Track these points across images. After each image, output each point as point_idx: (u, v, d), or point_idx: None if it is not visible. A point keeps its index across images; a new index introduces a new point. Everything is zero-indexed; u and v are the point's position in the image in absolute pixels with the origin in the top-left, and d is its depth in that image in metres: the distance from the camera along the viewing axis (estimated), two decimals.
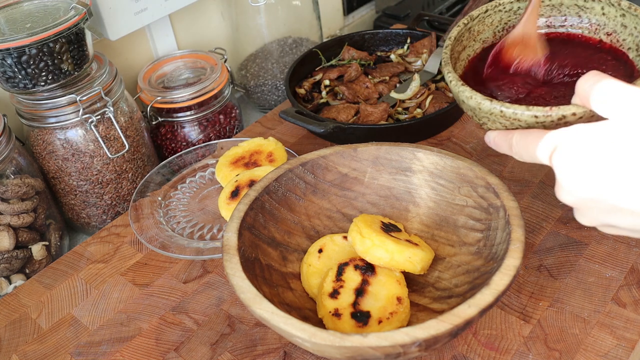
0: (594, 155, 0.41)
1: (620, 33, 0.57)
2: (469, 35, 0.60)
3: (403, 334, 0.44)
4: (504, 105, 0.49)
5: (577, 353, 0.54)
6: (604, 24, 0.58)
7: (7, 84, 0.70)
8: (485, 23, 0.61)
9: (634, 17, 0.55)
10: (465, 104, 0.53)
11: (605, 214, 0.43)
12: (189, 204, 0.78)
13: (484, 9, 0.60)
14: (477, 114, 0.52)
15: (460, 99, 0.53)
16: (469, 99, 0.51)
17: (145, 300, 0.65)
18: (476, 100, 0.50)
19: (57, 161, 0.75)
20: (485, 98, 0.50)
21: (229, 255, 0.53)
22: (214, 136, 0.89)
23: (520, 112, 0.48)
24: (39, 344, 0.62)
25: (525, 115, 0.48)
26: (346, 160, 0.65)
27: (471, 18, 0.60)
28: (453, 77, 0.53)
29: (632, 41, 0.56)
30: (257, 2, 0.93)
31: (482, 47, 0.62)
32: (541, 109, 0.47)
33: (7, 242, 0.69)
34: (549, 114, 0.47)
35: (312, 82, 0.93)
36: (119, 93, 0.77)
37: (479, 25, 0.61)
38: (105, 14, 0.79)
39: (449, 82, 0.54)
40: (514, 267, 0.48)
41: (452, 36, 0.58)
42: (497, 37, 0.62)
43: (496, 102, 0.49)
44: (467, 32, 0.60)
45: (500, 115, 0.49)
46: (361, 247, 0.57)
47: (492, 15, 0.61)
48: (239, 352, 0.58)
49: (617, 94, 0.42)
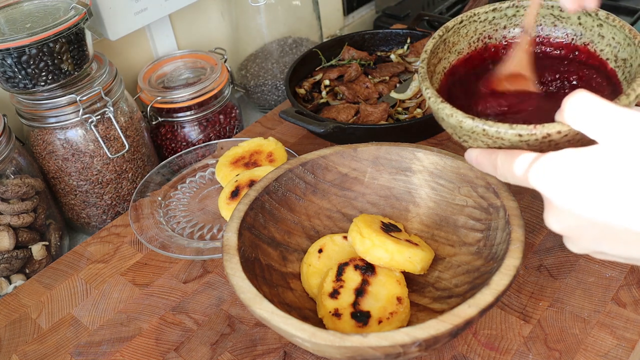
0: (585, 181, 0.40)
1: (597, 43, 0.56)
2: (444, 47, 0.58)
3: (403, 334, 0.44)
4: (486, 123, 0.47)
5: (577, 353, 0.54)
6: (581, 33, 0.57)
7: (7, 84, 0.70)
8: (460, 34, 0.59)
9: (611, 27, 0.54)
10: (445, 121, 0.50)
11: (596, 241, 0.42)
12: (189, 204, 0.78)
13: (458, 20, 0.58)
14: (457, 132, 0.50)
15: (440, 116, 0.50)
16: (449, 117, 0.49)
17: (145, 300, 0.65)
18: (457, 118, 0.48)
19: (57, 161, 0.75)
20: (467, 116, 0.48)
21: (229, 255, 0.53)
22: (214, 136, 0.89)
23: (503, 131, 0.46)
24: (39, 344, 0.62)
25: (509, 134, 0.46)
26: (346, 160, 0.65)
27: (446, 29, 0.57)
28: (432, 94, 0.51)
29: (610, 52, 0.55)
30: (257, 2, 0.93)
31: (457, 58, 0.59)
32: (525, 127, 0.45)
33: (7, 242, 0.69)
34: (534, 132, 0.45)
35: (312, 82, 0.93)
36: (119, 93, 0.77)
37: (454, 37, 0.58)
38: (105, 14, 0.79)
39: (428, 98, 0.51)
40: (514, 267, 0.48)
41: (428, 49, 0.56)
42: (472, 48, 0.60)
43: (478, 120, 0.47)
44: (442, 44, 0.57)
45: (482, 133, 0.47)
46: (361, 247, 0.57)
47: (467, 26, 0.59)
48: (239, 352, 0.58)
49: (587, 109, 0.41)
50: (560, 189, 0.41)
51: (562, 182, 0.41)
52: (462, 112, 0.48)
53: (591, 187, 0.40)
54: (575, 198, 0.41)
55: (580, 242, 0.43)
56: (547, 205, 0.43)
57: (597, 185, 0.40)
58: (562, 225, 0.43)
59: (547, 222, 0.44)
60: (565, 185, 0.41)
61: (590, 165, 0.40)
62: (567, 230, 0.43)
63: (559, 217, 0.43)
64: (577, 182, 0.40)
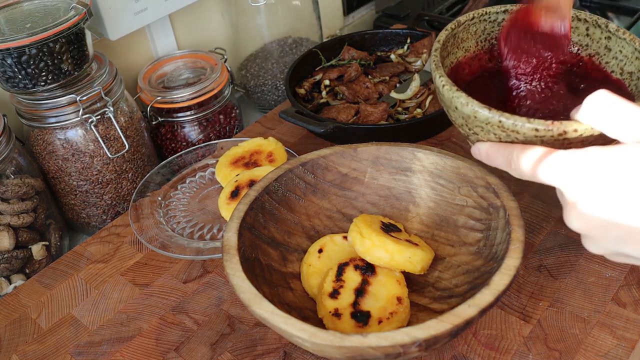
0: (611, 180, 0.39)
1: (603, 56, 0.55)
2: (454, 42, 0.57)
3: (403, 334, 0.44)
4: (503, 115, 0.46)
5: (577, 353, 0.54)
6: (587, 45, 0.57)
7: (7, 84, 0.70)
8: (470, 31, 0.58)
9: (620, 40, 0.53)
10: (458, 111, 0.49)
11: (619, 242, 0.41)
12: (189, 204, 0.78)
13: (470, 16, 0.57)
14: (469, 122, 0.49)
15: (454, 105, 0.49)
16: (463, 106, 0.48)
17: (145, 300, 0.65)
18: (472, 107, 0.47)
19: (57, 161, 0.75)
20: (483, 106, 0.47)
21: (229, 255, 0.53)
22: (214, 136, 0.89)
23: (520, 124, 0.45)
24: (39, 344, 0.62)
25: (526, 127, 0.45)
26: (346, 160, 0.65)
27: (458, 24, 0.57)
28: (446, 82, 0.50)
29: (616, 64, 0.54)
30: (257, 2, 0.93)
31: (463, 55, 0.59)
32: (543, 122, 0.44)
33: (7, 242, 0.69)
34: (550, 129, 0.44)
35: (312, 82, 0.93)
36: (119, 93, 0.77)
37: (464, 33, 0.58)
38: (105, 14, 0.79)
39: (441, 86, 0.50)
40: (514, 267, 0.48)
41: (441, 39, 0.55)
42: (478, 47, 0.59)
43: (495, 111, 0.46)
44: (452, 38, 0.57)
45: (497, 125, 0.46)
46: (361, 247, 0.57)
47: (477, 24, 0.58)
48: (239, 352, 0.58)
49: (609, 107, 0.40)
50: (584, 187, 0.40)
51: (587, 180, 0.40)
52: (478, 101, 0.48)
53: (617, 187, 0.39)
54: (600, 197, 0.40)
55: (602, 242, 0.43)
56: (567, 203, 0.42)
57: (623, 185, 0.39)
58: (582, 225, 0.42)
59: (567, 220, 0.43)
60: (590, 183, 0.40)
61: (617, 165, 0.39)
62: (588, 229, 0.42)
63: (579, 215, 0.42)
64: (602, 180, 0.40)
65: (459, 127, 0.52)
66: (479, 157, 0.50)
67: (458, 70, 0.58)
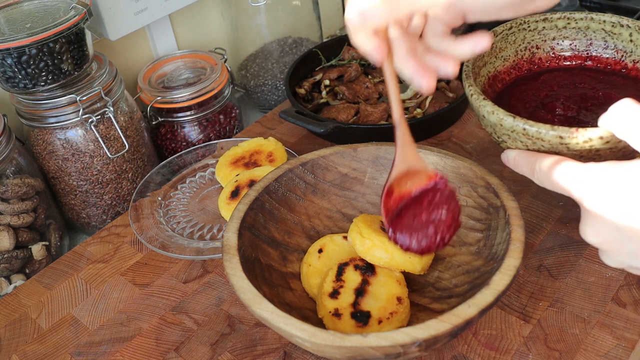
0: (628, 195, 0.39)
1: None
2: (491, 52, 0.58)
3: (403, 334, 0.44)
4: (527, 122, 0.46)
5: (577, 353, 0.54)
6: (631, 51, 0.56)
7: (7, 84, 0.70)
8: (508, 40, 0.59)
9: None
10: (485, 119, 0.50)
11: (631, 257, 0.41)
12: (189, 204, 0.78)
13: (508, 26, 0.58)
14: (497, 130, 0.50)
15: (481, 113, 0.50)
16: (490, 114, 0.49)
17: (145, 300, 0.65)
18: (498, 116, 0.48)
19: (57, 161, 0.75)
20: (508, 114, 0.47)
21: (229, 255, 0.53)
22: (214, 136, 0.89)
23: (544, 132, 0.46)
24: (39, 344, 0.62)
25: (550, 135, 0.45)
26: (346, 160, 0.65)
27: (495, 34, 0.58)
28: (474, 91, 0.51)
29: None
30: (257, 2, 0.93)
31: (502, 64, 0.59)
32: (567, 129, 0.45)
33: (7, 242, 0.69)
34: (575, 135, 0.44)
35: (312, 82, 0.93)
36: (119, 93, 0.77)
37: (501, 42, 0.59)
38: (105, 14, 0.79)
39: (470, 95, 0.51)
40: (514, 267, 0.48)
41: None
42: (518, 56, 0.60)
43: (519, 119, 0.47)
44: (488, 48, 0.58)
45: (522, 133, 0.47)
46: (361, 247, 0.57)
47: (515, 33, 0.59)
48: (239, 352, 0.58)
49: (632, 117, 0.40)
50: (601, 201, 0.40)
51: (604, 195, 0.40)
52: (504, 110, 0.48)
53: (630, 201, 0.39)
54: (615, 212, 0.40)
55: (618, 256, 0.43)
56: (585, 216, 0.42)
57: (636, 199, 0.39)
58: (598, 239, 0.42)
59: (583, 234, 0.43)
60: (607, 198, 0.40)
61: (632, 179, 0.39)
62: (604, 244, 0.42)
63: (596, 229, 0.42)
64: (619, 195, 0.39)
65: (490, 134, 0.52)
66: (507, 163, 0.51)
67: (496, 79, 0.59)
